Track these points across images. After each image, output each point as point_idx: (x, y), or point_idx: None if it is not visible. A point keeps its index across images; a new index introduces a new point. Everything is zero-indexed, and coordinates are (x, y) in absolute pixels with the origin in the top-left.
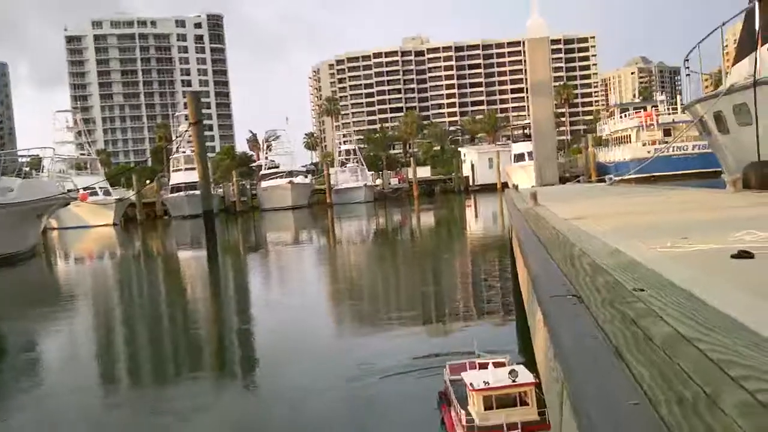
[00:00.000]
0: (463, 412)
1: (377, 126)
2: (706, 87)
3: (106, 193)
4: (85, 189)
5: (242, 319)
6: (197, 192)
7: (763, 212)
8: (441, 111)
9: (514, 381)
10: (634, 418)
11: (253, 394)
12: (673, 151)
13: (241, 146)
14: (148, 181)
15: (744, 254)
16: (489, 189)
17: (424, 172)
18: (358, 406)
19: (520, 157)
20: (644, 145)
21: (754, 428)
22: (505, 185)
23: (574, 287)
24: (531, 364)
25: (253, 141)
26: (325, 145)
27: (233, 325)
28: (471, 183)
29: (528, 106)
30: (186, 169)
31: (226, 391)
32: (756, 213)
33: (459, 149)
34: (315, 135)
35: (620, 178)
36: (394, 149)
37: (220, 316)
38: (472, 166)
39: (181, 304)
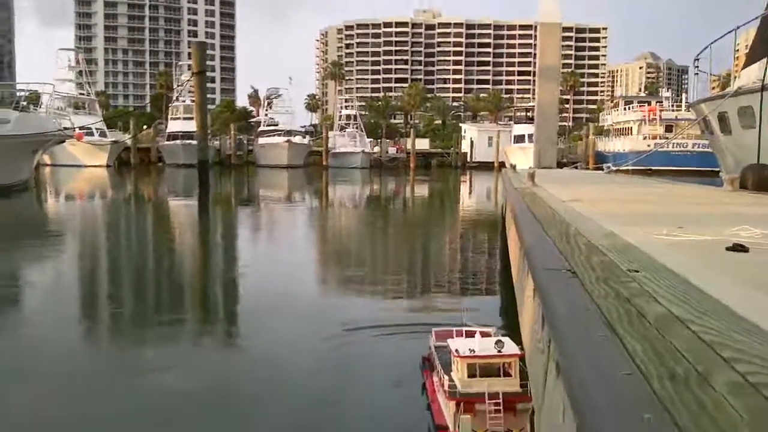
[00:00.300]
0: (446, 377)
1: (380, 94)
2: (713, 88)
3: (102, 134)
4: (81, 128)
5: (228, 271)
6: (193, 142)
7: (759, 211)
8: (446, 86)
9: (499, 351)
10: (626, 388)
11: (234, 346)
12: (672, 147)
13: (242, 101)
14: (145, 127)
15: (739, 247)
16: (486, 167)
17: (423, 144)
18: (339, 365)
19: (520, 139)
20: (645, 138)
21: (744, 407)
22: (502, 165)
23: (569, 263)
24: (515, 339)
25: (254, 97)
26: (326, 109)
27: (219, 276)
28: (469, 159)
29: (534, 90)
30: (184, 119)
31: (206, 340)
32: (752, 211)
33: (460, 125)
34: (317, 97)
35: (618, 168)
36: (395, 119)
37: (207, 267)
38: (472, 142)
39: (168, 252)
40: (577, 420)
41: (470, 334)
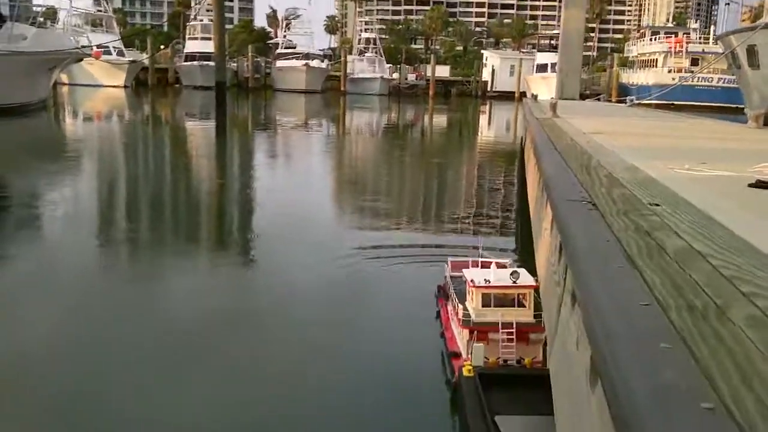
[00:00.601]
0: (460, 307)
1: (401, 17)
2: (743, 20)
3: (120, 53)
4: (98, 46)
5: (245, 195)
6: (211, 63)
7: None
8: (469, 10)
9: (515, 282)
10: (643, 318)
11: (250, 268)
12: (697, 81)
13: (260, 21)
14: (162, 47)
15: (762, 184)
16: (506, 97)
17: (443, 71)
18: (355, 289)
19: (542, 68)
20: (670, 71)
21: (762, 340)
22: (523, 95)
23: (590, 195)
24: (530, 271)
25: (272, 17)
26: (345, 31)
27: (235, 200)
28: (489, 89)
29: (559, 17)
30: (202, 38)
31: (223, 261)
32: None
33: (482, 51)
34: (336, 19)
35: (640, 102)
36: (415, 44)
37: (223, 190)
38: (493, 71)
39: (185, 174)
40: (592, 348)
41: (486, 265)
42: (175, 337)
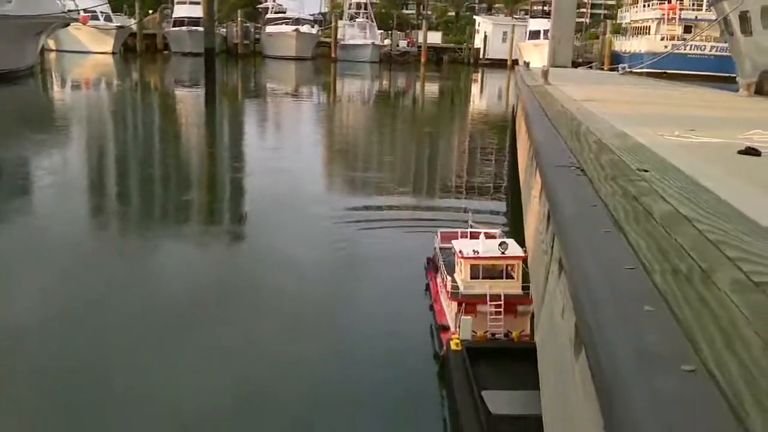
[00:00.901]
0: (449, 278)
1: None
2: None
3: (107, 18)
4: (85, 11)
5: (235, 167)
6: (200, 28)
7: None
8: None
9: (503, 253)
10: (627, 281)
11: (241, 240)
12: (689, 49)
13: None
14: (150, 11)
15: (751, 151)
16: (499, 65)
17: (435, 38)
18: (345, 262)
19: (535, 35)
20: (662, 39)
21: (746, 303)
22: (515, 63)
23: (578, 161)
24: (519, 242)
25: None
26: None
27: (225, 171)
28: (481, 56)
29: None
30: (190, 3)
31: (213, 231)
32: (765, 115)
33: (474, 17)
34: None
35: (632, 70)
36: (407, 9)
37: (213, 161)
38: (485, 37)
39: (174, 143)
40: (576, 314)
41: (475, 236)
42: (166, 307)
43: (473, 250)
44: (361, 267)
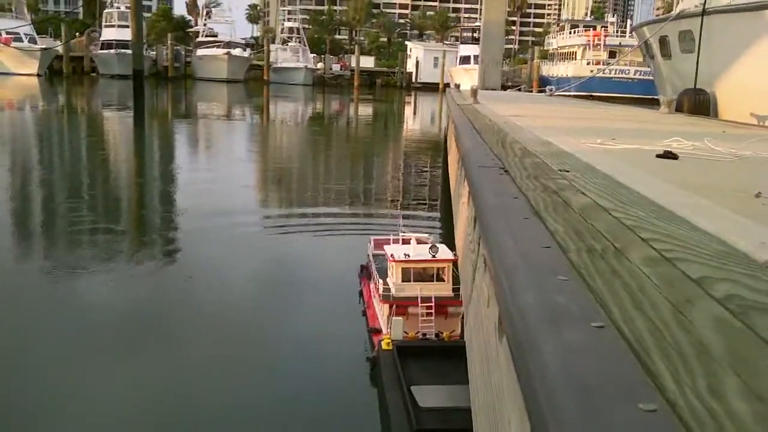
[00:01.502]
0: (380, 281)
1: (324, 7)
2: (657, 12)
3: (32, 40)
4: (8, 33)
5: (164, 188)
6: (128, 51)
7: (692, 129)
8: (392, 1)
9: (434, 256)
10: (543, 258)
11: (171, 260)
12: (614, 73)
13: (179, 9)
14: (77, 34)
15: (669, 155)
16: (431, 88)
17: (368, 62)
18: (280, 273)
19: (465, 60)
20: (588, 63)
21: (656, 274)
22: (447, 86)
23: (503, 163)
24: (450, 247)
25: (192, 5)
26: (268, 21)
27: (155, 194)
28: (414, 80)
29: (480, 9)
30: (119, 26)
31: (142, 253)
32: (686, 129)
33: (406, 42)
34: (258, 8)
35: (560, 93)
36: (339, 34)
37: (141, 183)
38: (417, 62)
39: (101, 167)
40: (497, 293)
41: (407, 242)
42: (89, 330)
43: (404, 254)
44: (294, 277)
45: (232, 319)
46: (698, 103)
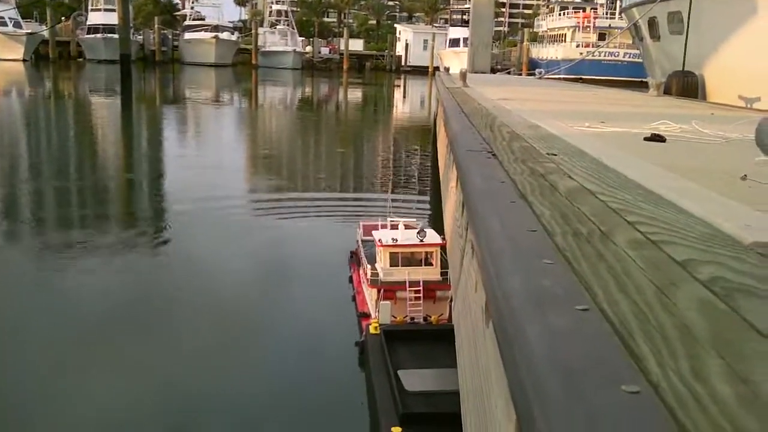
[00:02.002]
0: (369, 266)
1: None
2: None
3: (17, 25)
4: None
5: (153, 174)
6: (115, 35)
7: (680, 112)
8: None
9: (421, 240)
10: (528, 242)
11: (161, 243)
12: (603, 56)
13: None
14: (63, 18)
15: (656, 137)
16: (420, 72)
17: (357, 45)
18: (271, 259)
19: (455, 42)
20: (578, 46)
21: (641, 257)
22: (437, 69)
23: (491, 147)
24: (439, 232)
25: None
26: (256, 4)
27: (144, 180)
28: (403, 63)
29: None
30: (105, 10)
31: (132, 238)
32: (674, 112)
33: (395, 25)
34: None
35: (549, 76)
36: (328, 17)
37: (129, 168)
38: (407, 45)
39: (89, 152)
40: (484, 277)
41: (395, 227)
42: (82, 315)
43: (392, 239)
44: (284, 262)
45: (221, 305)
46: (686, 86)
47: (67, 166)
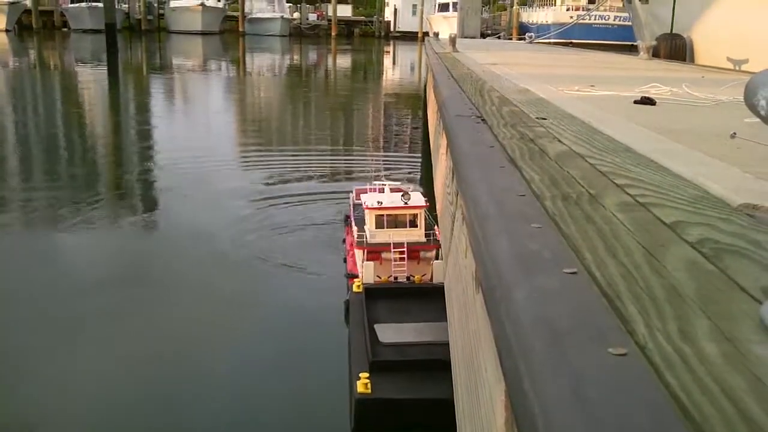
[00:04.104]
0: (356, 229)
1: None
2: None
3: None
4: None
5: (143, 145)
6: (100, 4)
7: (670, 75)
8: None
9: (406, 203)
10: (517, 206)
11: (154, 217)
12: (594, 19)
13: None
14: None
15: (647, 101)
16: (410, 37)
17: (345, 11)
18: (269, 223)
19: (444, 7)
20: (568, 9)
21: (630, 219)
22: (426, 35)
23: (480, 112)
24: (431, 199)
25: None
26: None
27: (133, 151)
28: (392, 29)
29: None
30: None
31: (124, 212)
32: (664, 75)
33: None
34: None
35: (540, 40)
36: None
37: (119, 140)
38: (395, 10)
39: (76, 123)
40: (473, 242)
41: (382, 190)
42: (73, 289)
43: (378, 202)
44: (283, 228)
45: (215, 268)
46: (674, 49)
47: (53, 137)
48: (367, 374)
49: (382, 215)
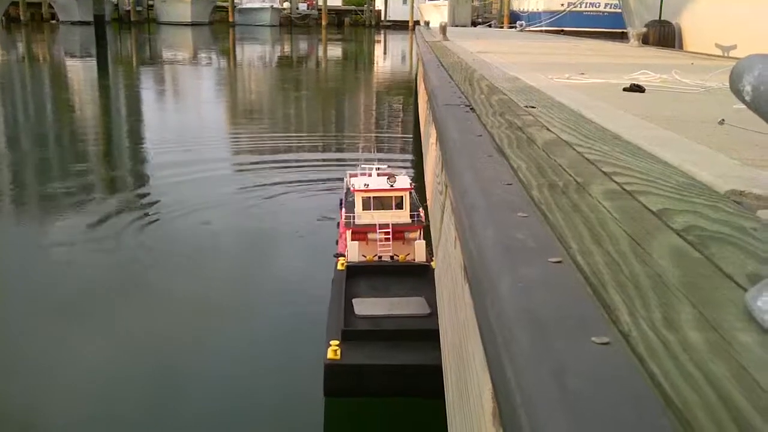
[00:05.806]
0: (344, 210)
1: None
2: None
3: None
4: None
5: (134, 135)
6: None
7: (659, 62)
8: None
9: (391, 186)
10: (504, 195)
11: (149, 204)
12: (584, 7)
13: None
14: None
15: (636, 88)
16: (401, 26)
17: (335, 0)
18: (263, 213)
19: None
20: None
21: (616, 207)
22: (417, 24)
23: (469, 101)
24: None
25: None
26: None
27: (124, 142)
28: (383, 18)
29: None
30: None
31: (117, 202)
32: (653, 62)
33: None
34: None
35: (531, 29)
36: None
37: (108, 131)
38: None
39: (68, 116)
40: (460, 232)
41: (370, 174)
42: (62, 284)
43: (364, 184)
44: (279, 214)
45: (211, 250)
46: (663, 35)
47: (41, 129)
48: (337, 342)
49: (369, 197)
